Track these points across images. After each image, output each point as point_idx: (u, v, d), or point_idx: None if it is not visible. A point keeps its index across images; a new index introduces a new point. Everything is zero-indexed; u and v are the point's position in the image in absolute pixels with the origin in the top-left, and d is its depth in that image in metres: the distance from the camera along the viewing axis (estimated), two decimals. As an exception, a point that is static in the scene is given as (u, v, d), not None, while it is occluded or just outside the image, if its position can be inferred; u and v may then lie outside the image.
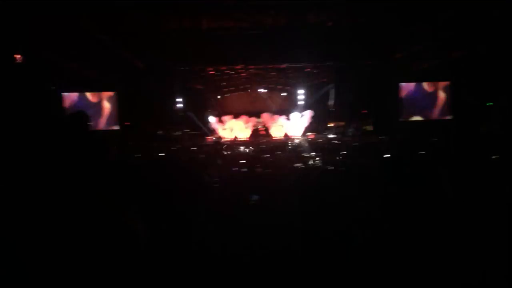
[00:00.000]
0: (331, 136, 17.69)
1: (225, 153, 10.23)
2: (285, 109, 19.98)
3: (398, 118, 17.93)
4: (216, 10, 11.18)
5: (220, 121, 19.64)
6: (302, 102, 19.87)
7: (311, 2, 11.01)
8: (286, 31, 12.40)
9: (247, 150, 11.91)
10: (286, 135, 19.03)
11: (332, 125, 19.40)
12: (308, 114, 19.26)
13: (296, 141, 15.75)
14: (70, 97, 16.67)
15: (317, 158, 7.75)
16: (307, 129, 19.27)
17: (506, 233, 2.84)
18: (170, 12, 11.23)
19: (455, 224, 3.04)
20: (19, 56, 10.73)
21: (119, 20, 11.09)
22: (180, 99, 18.51)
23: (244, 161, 7.54)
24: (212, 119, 19.56)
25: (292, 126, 19.52)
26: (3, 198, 1.87)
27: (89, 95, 17.12)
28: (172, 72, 16.89)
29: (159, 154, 9.57)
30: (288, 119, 19.64)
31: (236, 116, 19.67)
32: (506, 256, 2.66)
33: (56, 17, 9.62)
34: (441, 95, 18.06)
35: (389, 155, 6.65)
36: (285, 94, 20.44)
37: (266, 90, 20.74)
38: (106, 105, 17.15)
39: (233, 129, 19.39)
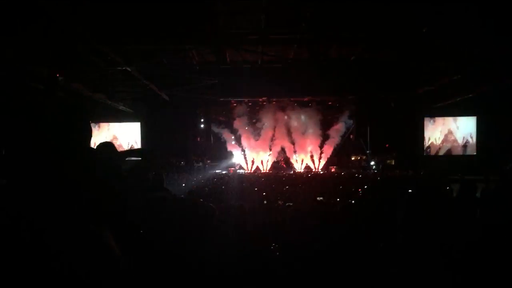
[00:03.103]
0: (353, 170, 17.47)
1: (245, 185, 10.18)
2: (307, 142, 19.85)
3: (422, 153, 17.69)
4: (240, 44, 11.39)
5: (242, 153, 19.65)
6: (324, 135, 19.75)
7: (334, 36, 11.12)
8: (309, 65, 12.55)
9: (267, 181, 11.84)
10: (307, 167, 18.89)
11: (354, 158, 19.21)
12: (329, 147, 19.13)
13: (318, 174, 15.60)
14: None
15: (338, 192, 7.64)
16: (329, 163, 19.09)
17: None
18: (194, 46, 11.50)
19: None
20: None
21: (144, 53, 11.45)
22: (204, 131, 18.72)
23: (264, 193, 7.50)
24: (234, 151, 19.61)
25: (314, 159, 19.37)
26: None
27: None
28: (196, 104, 17.17)
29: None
30: (310, 152, 19.49)
31: (258, 148, 19.65)
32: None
33: (84, 50, 9.98)
34: (465, 130, 17.83)
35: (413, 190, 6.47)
36: (308, 127, 20.32)
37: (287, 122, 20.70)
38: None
39: (255, 161, 19.38)
